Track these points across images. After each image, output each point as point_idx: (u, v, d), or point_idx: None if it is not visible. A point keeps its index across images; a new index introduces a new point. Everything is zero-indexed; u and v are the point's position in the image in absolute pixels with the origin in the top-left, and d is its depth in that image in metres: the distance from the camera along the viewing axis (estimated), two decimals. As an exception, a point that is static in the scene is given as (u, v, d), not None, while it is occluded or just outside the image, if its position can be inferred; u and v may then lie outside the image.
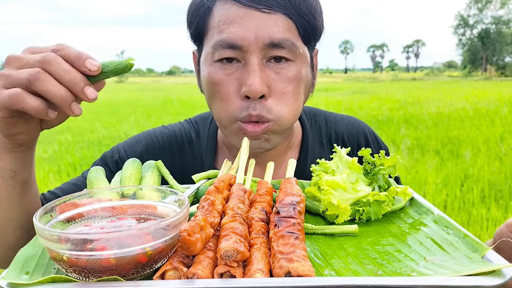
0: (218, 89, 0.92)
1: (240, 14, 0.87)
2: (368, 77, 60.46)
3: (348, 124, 1.19)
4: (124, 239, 0.53)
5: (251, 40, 0.86)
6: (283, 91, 0.91)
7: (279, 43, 0.87)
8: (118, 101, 17.97)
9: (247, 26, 0.86)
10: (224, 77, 0.91)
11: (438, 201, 4.34)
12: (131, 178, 0.86)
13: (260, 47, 0.87)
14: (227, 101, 0.92)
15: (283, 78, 0.91)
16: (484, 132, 8.05)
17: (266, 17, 0.87)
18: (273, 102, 0.91)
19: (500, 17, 72.31)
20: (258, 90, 0.87)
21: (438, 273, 0.55)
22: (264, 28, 0.86)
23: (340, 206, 0.74)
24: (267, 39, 0.86)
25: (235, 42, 0.87)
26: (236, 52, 0.88)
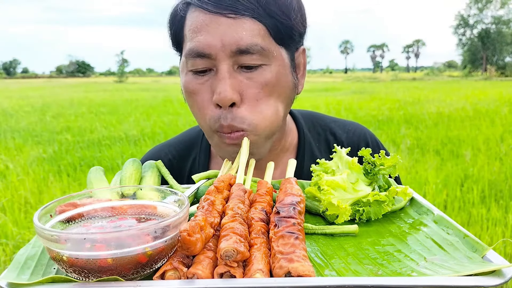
0: (194, 98, 0.91)
1: (206, 22, 0.84)
2: (368, 77, 60.46)
3: (350, 131, 1.17)
4: (124, 239, 0.53)
5: (218, 48, 0.84)
6: (256, 97, 0.87)
7: (247, 49, 0.83)
8: (118, 101, 17.97)
9: (213, 34, 0.84)
10: (198, 86, 0.89)
11: (438, 201, 4.34)
12: (131, 178, 0.86)
13: (228, 54, 0.84)
14: (203, 111, 0.90)
15: (255, 84, 0.87)
16: (484, 132, 8.05)
17: (232, 22, 0.83)
18: (246, 110, 0.87)
19: (500, 17, 72.28)
20: (228, 97, 0.84)
21: (438, 273, 0.55)
22: (230, 34, 0.83)
23: (340, 206, 0.74)
24: (234, 46, 0.83)
25: (202, 50, 0.85)
26: (206, 61, 0.86)
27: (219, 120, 0.87)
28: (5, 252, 3.49)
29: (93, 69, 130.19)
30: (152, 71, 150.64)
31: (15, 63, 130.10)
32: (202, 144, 1.15)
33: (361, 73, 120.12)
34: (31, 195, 4.78)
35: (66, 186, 5.14)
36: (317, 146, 1.14)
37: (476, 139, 7.36)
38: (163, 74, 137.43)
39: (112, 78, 75.75)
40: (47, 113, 13.16)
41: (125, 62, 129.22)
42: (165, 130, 9.13)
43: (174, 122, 10.35)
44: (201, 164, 1.12)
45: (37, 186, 5.15)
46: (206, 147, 1.14)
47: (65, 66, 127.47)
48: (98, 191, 0.71)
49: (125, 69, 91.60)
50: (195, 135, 1.18)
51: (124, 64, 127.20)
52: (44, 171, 5.95)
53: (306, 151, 1.11)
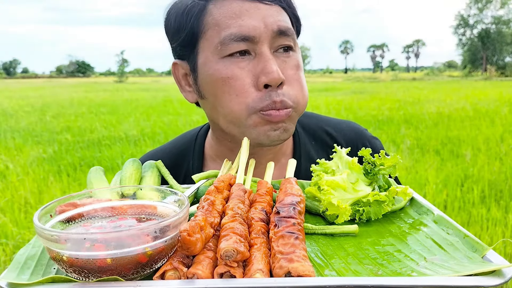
0: (232, 83, 0.90)
1: (245, 7, 0.90)
2: (368, 77, 60.45)
3: (343, 130, 1.18)
4: (124, 239, 0.53)
5: (261, 30, 0.89)
6: (294, 78, 0.94)
7: (285, 31, 0.91)
8: (118, 101, 17.97)
9: (255, 17, 0.89)
10: (238, 70, 0.90)
11: (438, 201, 4.34)
12: (131, 178, 0.86)
13: (270, 35, 0.90)
14: (244, 94, 0.90)
15: (290, 66, 0.94)
16: (484, 132, 8.05)
17: (269, 7, 0.91)
18: (289, 88, 0.92)
19: (500, 17, 72.25)
20: (280, 77, 0.88)
21: (438, 273, 0.55)
22: (271, 17, 0.90)
23: (340, 206, 0.74)
24: (275, 27, 0.90)
25: (247, 33, 0.88)
26: (248, 44, 0.89)
27: (270, 98, 0.89)
28: (5, 252, 3.49)
29: (93, 69, 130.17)
30: (152, 71, 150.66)
31: (15, 63, 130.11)
32: (195, 148, 1.14)
33: (361, 73, 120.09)
34: (31, 195, 4.78)
35: (66, 186, 5.14)
36: (313, 146, 1.14)
37: (476, 139, 7.36)
38: (163, 74, 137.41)
39: (112, 78, 75.75)
40: (47, 113, 13.16)
41: (125, 62, 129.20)
42: (165, 130, 9.13)
43: (174, 122, 10.35)
44: (195, 168, 1.11)
45: (37, 186, 5.15)
46: (199, 151, 1.13)
47: (65, 66, 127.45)
48: (98, 191, 0.71)
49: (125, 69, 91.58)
50: (187, 140, 1.18)
51: (124, 64, 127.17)
52: (44, 171, 5.95)
53: (302, 152, 1.11)
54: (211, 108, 0.98)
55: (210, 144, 1.13)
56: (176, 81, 1.04)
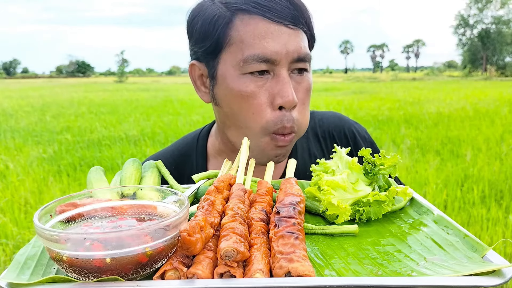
0: (250, 102, 0.94)
1: (271, 30, 0.92)
2: (368, 77, 60.44)
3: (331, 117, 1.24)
4: (124, 239, 0.53)
5: (283, 54, 0.92)
6: (303, 101, 0.98)
7: (304, 57, 0.95)
8: (118, 101, 17.97)
9: (278, 41, 0.91)
10: (256, 89, 0.93)
11: (438, 201, 4.34)
12: (131, 178, 0.86)
13: (290, 60, 0.93)
14: (259, 114, 0.94)
15: (302, 88, 0.97)
16: (484, 132, 8.05)
17: (292, 32, 0.93)
18: (298, 112, 0.96)
19: (500, 17, 72.22)
20: (295, 100, 0.92)
21: (438, 273, 0.55)
22: (293, 43, 0.92)
23: (340, 206, 0.74)
24: (295, 54, 0.93)
25: (269, 56, 0.91)
26: (268, 65, 0.93)
27: (281, 122, 0.94)
28: (5, 252, 3.49)
29: (93, 69, 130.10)
30: (152, 71, 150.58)
31: (15, 63, 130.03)
32: (198, 147, 1.17)
33: (361, 73, 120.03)
34: (31, 195, 4.78)
35: (66, 186, 5.13)
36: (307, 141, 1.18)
37: (476, 139, 7.36)
38: (163, 74, 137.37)
39: (112, 78, 75.71)
40: (47, 113, 13.16)
41: (125, 62, 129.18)
42: (165, 130, 9.13)
43: (174, 122, 10.35)
44: (199, 166, 1.14)
45: (37, 186, 5.15)
46: (202, 150, 1.16)
47: (65, 66, 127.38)
48: (98, 191, 0.71)
49: (125, 69, 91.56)
50: (189, 141, 1.21)
51: (124, 64, 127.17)
52: (44, 171, 5.95)
53: (299, 149, 1.15)
54: (224, 116, 1.01)
55: (213, 143, 1.16)
56: (192, 81, 1.07)
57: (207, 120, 9.81)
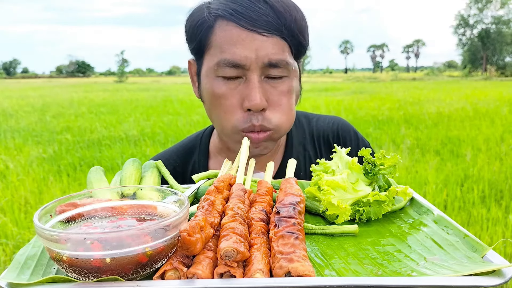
0: (221, 102, 1.00)
1: (242, 37, 0.95)
2: (368, 77, 60.43)
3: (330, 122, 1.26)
4: (124, 239, 0.53)
5: (252, 60, 0.95)
6: (279, 103, 1.01)
7: (276, 63, 0.97)
8: (118, 101, 17.97)
9: (249, 48, 0.95)
10: (228, 91, 0.99)
11: (438, 201, 4.34)
12: (131, 178, 0.86)
13: (260, 66, 0.96)
14: (230, 113, 1.00)
15: (278, 92, 1.00)
16: (484, 132, 8.05)
17: (265, 39, 0.95)
18: (271, 113, 1.00)
19: (500, 17, 72.19)
20: (260, 105, 0.96)
21: (438, 273, 0.55)
22: (264, 50, 0.95)
23: (340, 206, 0.74)
24: (266, 59, 0.96)
25: (238, 61, 0.95)
26: (239, 70, 0.97)
27: (250, 121, 0.99)
28: (5, 252, 3.49)
29: (93, 69, 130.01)
30: (152, 71, 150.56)
31: (15, 63, 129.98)
32: (201, 146, 1.22)
33: (361, 73, 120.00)
34: (31, 195, 4.77)
35: (66, 186, 5.13)
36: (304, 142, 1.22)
37: (476, 139, 7.36)
38: (163, 74, 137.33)
39: (112, 78, 75.70)
40: (47, 113, 13.16)
41: (125, 62, 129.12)
42: (165, 130, 9.13)
43: (174, 122, 10.35)
44: (201, 165, 1.19)
45: (37, 186, 5.15)
46: (205, 148, 1.22)
47: (65, 66, 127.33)
48: (98, 191, 0.71)
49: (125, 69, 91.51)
50: (193, 139, 1.26)
51: (124, 64, 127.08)
52: (44, 171, 5.95)
53: (294, 144, 1.19)
54: (207, 112, 1.08)
55: (214, 142, 1.22)
56: (190, 77, 1.15)
57: (206, 120, 9.72)
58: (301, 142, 1.21)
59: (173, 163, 1.20)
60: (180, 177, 1.17)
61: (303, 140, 1.22)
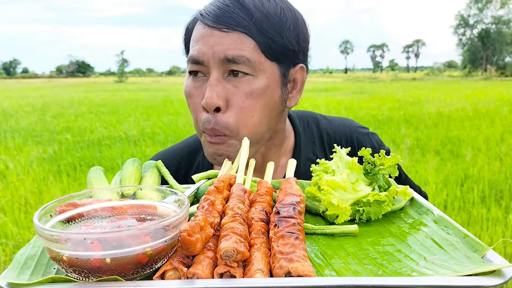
0: (190, 100, 1.01)
1: (203, 34, 0.96)
2: (368, 77, 60.42)
3: (340, 125, 1.22)
4: (124, 239, 0.53)
5: (209, 56, 0.94)
6: (240, 105, 0.95)
7: (233, 58, 0.92)
8: (118, 101, 17.97)
9: (206, 43, 0.95)
10: (193, 89, 1.00)
11: (438, 201, 4.34)
12: (131, 178, 0.86)
13: (217, 62, 0.94)
14: (196, 113, 1.00)
15: (241, 92, 0.94)
16: (484, 132, 8.05)
17: (224, 35, 0.93)
18: (229, 115, 0.95)
19: (500, 17, 72.18)
20: (213, 103, 0.93)
21: (438, 273, 0.55)
22: (220, 45, 0.93)
23: (340, 206, 0.74)
24: (222, 54, 0.93)
25: (197, 57, 0.96)
26: (200, 67, 0.97)
27: (203, 124, 0.97)
28: (5, 252, 3.49)
29: (93, 69, 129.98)
30: (152, 71, 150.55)
31: (15, 63, 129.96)
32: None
33: (361, 73, 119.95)
34: (31, 195, 4.77)
35: (66, 186, 5.13)
36: (312, 145, 1.17)
37: (476, 139, 7.36)
38: (163, 74, 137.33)
39: (112, 78, 75.67)
40: (47, 113, 13.15)
41: (125, 62, 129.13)
42: (165, 130, 9.13)
43: (174, 122, 10.34)
44: (205, 165, 1.17)
45: (37, 186, 5.15)
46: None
47: (65, 66, 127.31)
48: (98, 191, 0.71)
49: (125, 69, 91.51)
50: (198, 140, 1.22)
51: (124, 64, 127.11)
52: (44, 171, 5.95)
53: (302, 149, 1.15)
54: None
55: None
56: None
57: (207, 120, 9.70)
58: (309, 146, 1.17)
59: (176, 163, 1.18)
60: (182, 179, 1.15)
61: (311, 144, 1.17)
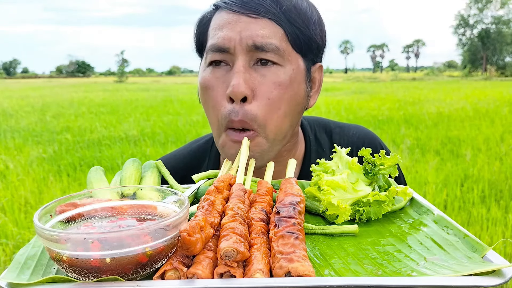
0: (209, 93, 0.93)
1: (229, 20, 0.90)
2: (368, 77, 60.42)
3: (354, 136, 1.17)
4: (124, 239, 0.53)
5: (236, 41, 0.88)
6: (268, 95, 0.89)
7: (262, 45, 0.88)
8: (118, 101, 17.96)
9: (233, 29, 0.89)
10: (213, 80, 0.92)
11: (438, 201, 4.34)
12: (131, 178, 0.86)
13: (245, 48, 0.88)
14: (217, 106, 0.92)
15: (268, 81, 0.89)
16: (484, 132, 8.05)
17: (252, 21, 0.89)
18: (257, 106, 0.89)
19: (500, 17, 72.19)
20: (240, 91, 0.86)
21: (438, 273, 0.55)
22: (248, 30, 0.88)
23: (340, 206, 0.74)
24: (250, 41, 0.88)
25: (222, 45, 0.89)
26: (225, 55, 0.90)
27: (229, 115, 0.89)
28: (5, 252, 3.49)
29: (93, 69, 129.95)
30: (152, 71, 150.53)
31: (15, 63, 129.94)
32: (211, 154, 1.15)
33: (361, 73, 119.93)
34: (31, 195, 4.77)
35: (66, 186, 5.13)
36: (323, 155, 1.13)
37: (476, 139, 7.36)
38: (163, 74, 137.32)
39: (112, 78, 75.64)
40: (47, 113, 13.15)
41: (125, 62, 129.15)
42: (165, 130, 9.13)
43: (174, 122, 10.34)
44: None
45: (37, 186, 5.15)
46: (215, 157, 1.14)
47: (65, 66, 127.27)
48: (98, 191, 0.71)
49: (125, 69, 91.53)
50: (203, 146, 1.19)
51: (124, 64, 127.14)
52: (44, 171, 5.95)
53: (313, 158, 1.11)
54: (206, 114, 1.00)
55: None
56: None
57: (207, 121, 9.71)
58: (319, 156, 1.11)
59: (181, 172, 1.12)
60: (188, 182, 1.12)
61: (322, 153, 1.12)
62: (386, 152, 1.14)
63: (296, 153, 1.10)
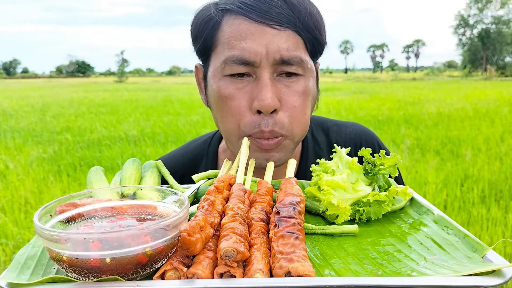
0: (229, 103, 0.92)
1: (251, 30, 0.88)
2: (368, 77, 60.42)
3: (351, 133, 1.18)
4: (124, 239, 0.53)
5: (262, 56, 0.87)
6: (294, 104, 0.91)
7: (289, 60, 0.88)
8: (118, 101, 17.97)
9: (258, 42, 0.87)
10: (235, 91, 0.91)
11: (438, 201, 4.34)
12: (131, 178, 0.86)
13: (271, 62, 0.88)
14: (238, 116, 0.91)
15: (293, 92, 0.91)
16: (484, 132, 8.05)
17: (277, 33, 0.88)
18: (284, 115, 0.91)
19: (500, 17, 72.19)
20: (271, 105, 0.87)
21: (438, 273, 0.55)
22: (275, 44, 0.87)
23: (340, 206, 0.74)
24: (277, 56, 0.88)
25: (247, 58, 0.88)
26: (248, 68, 0.89)
27: (259, 126, 0.90)
28: (5, 252, 3.49)
29: (93, 69, 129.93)
30: (152, 71, 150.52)
31: (15, 63, 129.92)
32: (209, 154, 1.15)
33: (361, 73, 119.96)
34: (31, 195, 4.77)
35: (66, 186, 5.13)
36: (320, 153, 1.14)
37: (476, 139, 7.36)
38: (163, 74, 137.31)
39: (112, 78, 75.64)
40: (47, 113, 13.15)
41: (125, 62, 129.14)
42: (165, 130, 9.13)
43: (174, 122, 10.34)
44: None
45: (37, 186, 5.15)
46: (213, 157, 1.15)
47: (65, 66, 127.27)
48: (98, 191, 0.71)
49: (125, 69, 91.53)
50: (200, 146, 1.19)
51: (124, 64, 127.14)
52: (44, 171, 5.95)
53: (310, 156, 1.11)
54: (214, 119, 1.00)
55: (224, 148, 1.15)
56: (197, 83, 1.07)
57: (207, 120, 9.83)
58: (316, 153, 1.13)
59: (179, 171, 1.13)
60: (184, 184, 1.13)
61: (319, 151, 1.13)
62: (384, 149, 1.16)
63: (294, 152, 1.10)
